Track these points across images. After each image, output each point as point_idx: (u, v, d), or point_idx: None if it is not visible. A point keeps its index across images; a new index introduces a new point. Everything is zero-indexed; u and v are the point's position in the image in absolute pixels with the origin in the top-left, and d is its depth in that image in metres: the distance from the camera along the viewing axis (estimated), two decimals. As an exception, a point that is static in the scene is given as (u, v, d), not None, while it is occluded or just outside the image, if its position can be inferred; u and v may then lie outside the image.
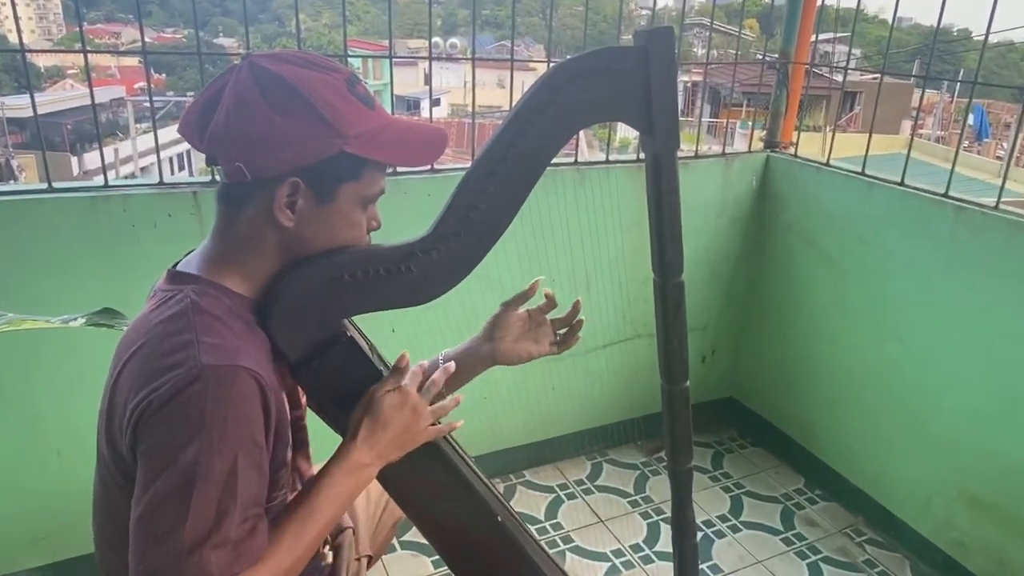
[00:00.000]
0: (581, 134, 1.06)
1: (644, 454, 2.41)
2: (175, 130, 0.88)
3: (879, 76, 2.12)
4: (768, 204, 2.32)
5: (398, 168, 1.79)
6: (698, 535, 1.55)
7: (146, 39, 1.62)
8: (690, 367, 1.03)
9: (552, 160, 0.90)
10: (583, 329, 1.14)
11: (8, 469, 1.61)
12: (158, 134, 1.75)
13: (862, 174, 2.02)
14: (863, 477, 2.13)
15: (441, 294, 0.91)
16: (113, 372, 0.82)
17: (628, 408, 2.37)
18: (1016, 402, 1.69)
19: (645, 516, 2.13)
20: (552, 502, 2.17)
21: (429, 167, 1.85)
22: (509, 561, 1.06)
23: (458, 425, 0.97)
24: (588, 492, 2.22)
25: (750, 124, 2.36)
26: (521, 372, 1.19)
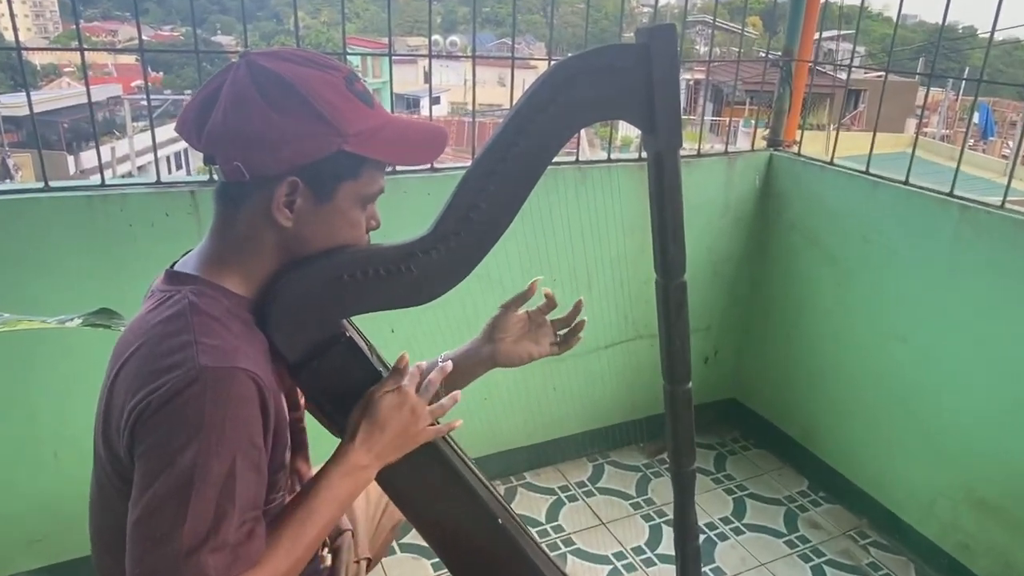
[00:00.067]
0: (582, 132, 1.06)
1: (646, 456, 2.41)
2: (172, 129, 0.88)
3: (883, 74, 2.12)
4: (771, 203, 2.32)
5: (397, 167, 1.79)
6: (700, 538, 1.56)
7: (143, 37, 1.62)
8: (692, 368, 1.03)
9: (553, 159, 0.90)
10: (585, 330, 1.14)
11: (4, 470, 1.61)
12: (155, 133, 1.76)
13: (866, 173, 2.02)
14: (867, 479, 2.13)
15: (441, 294, 0.91)
16: (110, 373, 0.82)
17: (630, 409, 2.37)
18: (1022, 403, 1.69)
19: (647, 518, 2.13)
20: (553, 504, 2.17)
21: (429, 166, 1.85)
22: (510, 564, 1.06)
23: (457, 425, 0.97)
24: (589, 494, 2.22)
25: (753, 122, 2.36)
26: (522, 373, 1.19)
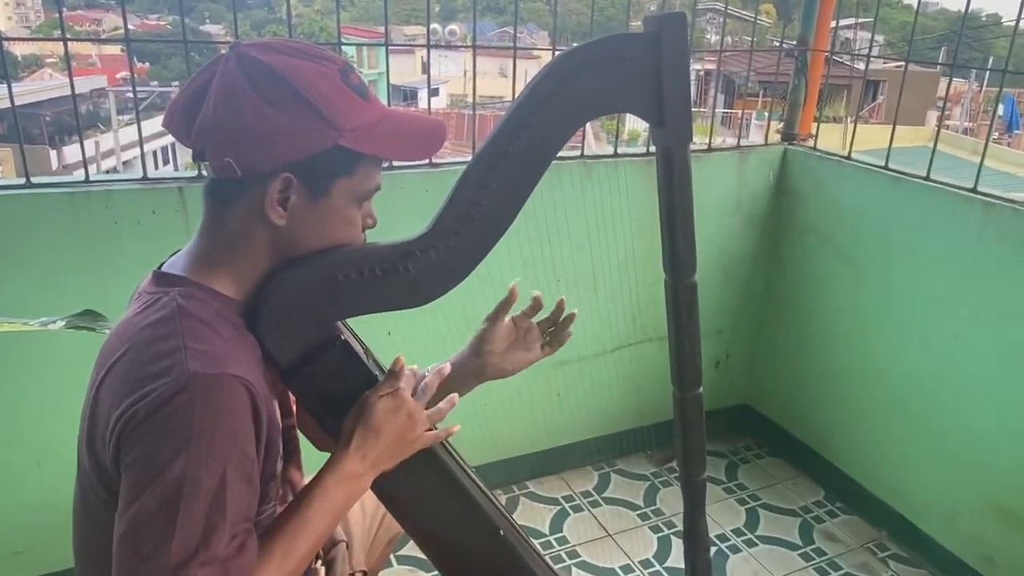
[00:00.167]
0: (588, 126, 1.06)
1: (654, 464, 2.41)
2: (159, 123, 0.88)
3: (903, 64, 2.11)
4: (785, 200, 2.31)
5: (394, 162, 1.79)
6: (712, 550, 1.55)
7: (129, 26, 1.62)
8: (703, 372, 1.03)
9: (557, 154, 0.90)
10: (591, 332, 1.14)
11: (-16, 480, 1.62)
12: (141, 126, 1.76)
13: (885, 168, 2.01)
14: (886, 489, 2.12)
15: (440, 295, 0.91)
16: (95, 380, 0.82)
17: (637, 416, 2.37)
18: (1049, 410, 1.69)
19: (655, 530, 2.13)
20: (557, 515, 2.17)
21: (427, 161, 1.85)
22: (512, 577, 1.06)
23: (455, 430, 0.97)
24: (595, 504, 2.22)
25: (766, 115, 2.36)
26: (524, 377, 1.19)
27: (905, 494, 2.07)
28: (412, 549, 1.93)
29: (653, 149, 0.95)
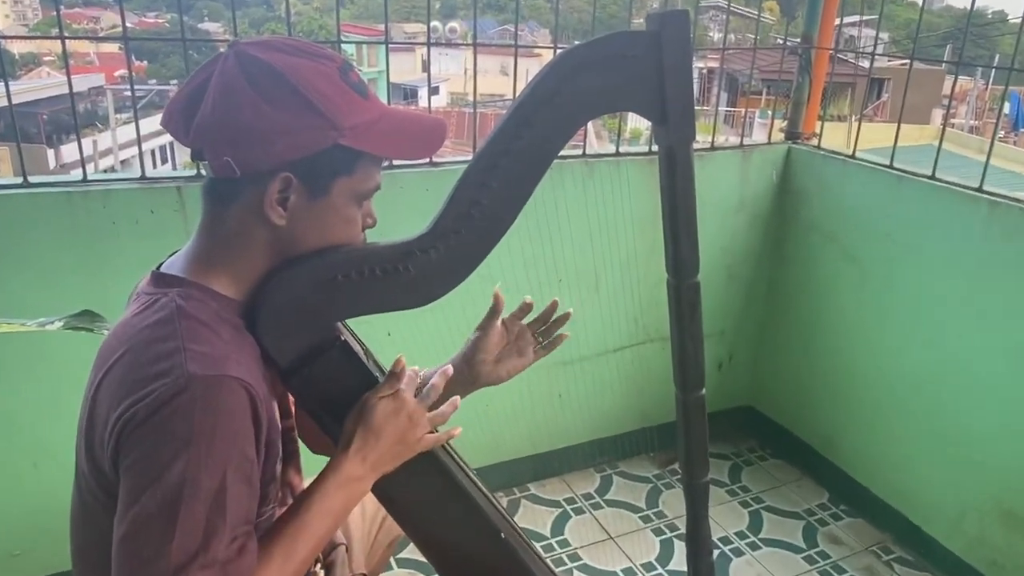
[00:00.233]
0: (589, 125, 1.06)
1: (657, 466, 2.41)
2: (158, 121, 0.88)
3: (908, 62, 2.11)
4: (789, 199, 2.31)
5: (394, 161, 1.79)
6: (714, 553, 1.56)
7: (127, 24, 1.62)
8: (706, 374, 1.03)
9: (559, 153, 0.91)
10: (592, 333, 1.14)
11: (-20, 481, 1.62)
12: (140, 125, 1.76)
13: (890, 167, 2.01)
14: (891, 491, 2.12)
15: (441, 295, 0.91)
16: (93, 381, 0.82)
17: (640, 417, 2.37)
18: (1055, 411, 1.69)
19: (658, 532, 2.13)
20: (559, 517, 2.17)
21: (427, 160, 1.85)
22: (513, 580, 1.06)
23: (457, 432, 0.97)
24: (597, 507, 2.22)
25: (770, 113, 2.37)
26: (526, 379, 1.18)
27: (910, 497, 2.07)
28: (412, 552, 1.93)
29: (655, 148, 0.95)
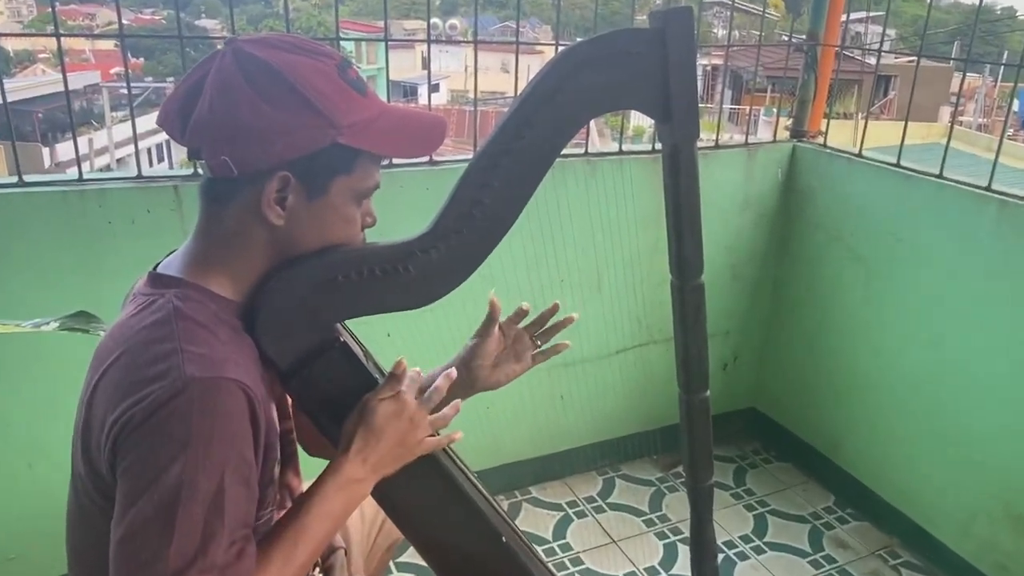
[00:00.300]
0: (592, 123, 1.06)
1: (660, 469, 2.41)
2: (154, 119, 0.88)
3: (915, 59, 2.11)
4: (795, 199, 2.31)
5: (394, 160, 1.79)
6: (719, 557, 1.55)
7: (123, 21, 1.62)
8: (710, 375, 1.03)
9: (561, 151, 0.91)
10: (595, 334, 1.14)
11: (-25, 484, 1.62)
12: (136, 123, 1.76)
13: (897, 166, 2.01)
14: (898, 494, 2.12)
15: (441, 296, 0.91)
16: (90, 383, 0.82)
17: (643, 419, 2.36)
18: (1065, 413, 1.68)
19: (661, 536, 2.13)
20: (560, 521, 2.17)
21: (427, 159, 1.85)
22: (514, 585, 1.06)
23: (458, 437, 0.97)
24: (599, 510, 2.22)
25: (775, 111, 2.36)
26: (527, 381, 1.18)
27: (917, 500, 2.07)
28: (412, 556, 1.93)
29: (659, 146, 0.95)
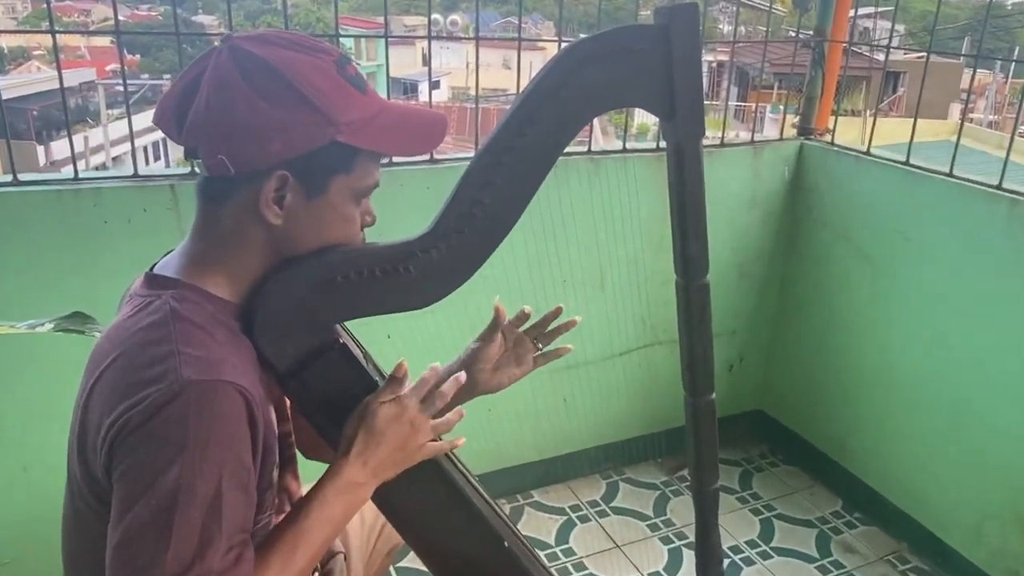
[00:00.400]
0: (595, 120, 1.06)
1: (665, 473, 2.41)
2: (150, 117, 0.88)
3: (925, 55, 2.11)
4: (802, 197, 2.31)
5: (394, 158, 1.79)
6: (725, 562, 1.55)
7: (119, 17, 1.63)
8: (716, 377, 1.03)
9: (564, 149, 0.91)
10: (599, 335, 1.14)
11: (-31, 488, 1.62)
12: (132, 121, 1.76)
13: (906, 164, 2.01)
14: (907, 498, 2.12)
15: (442, 297, 0.91)
16: (86, 386, 0.82)
17: (647, 422, 2.36)
18: (1078, 416, 1.68)
19: (666, 541, 2.13)
20: (563, 525, 2.17)
21: (428, 157, 1.85)
22: (516, 590, 1.06)
23: (460, 442, 0.97)
24: (603, 514, 2.22)
25: (782, 108, 2.36)
26: (529, 384, 1.19)
27: (927, 504, 2.07)
28: (413, 561, 1.93)
29: (663, 144, 0.95)
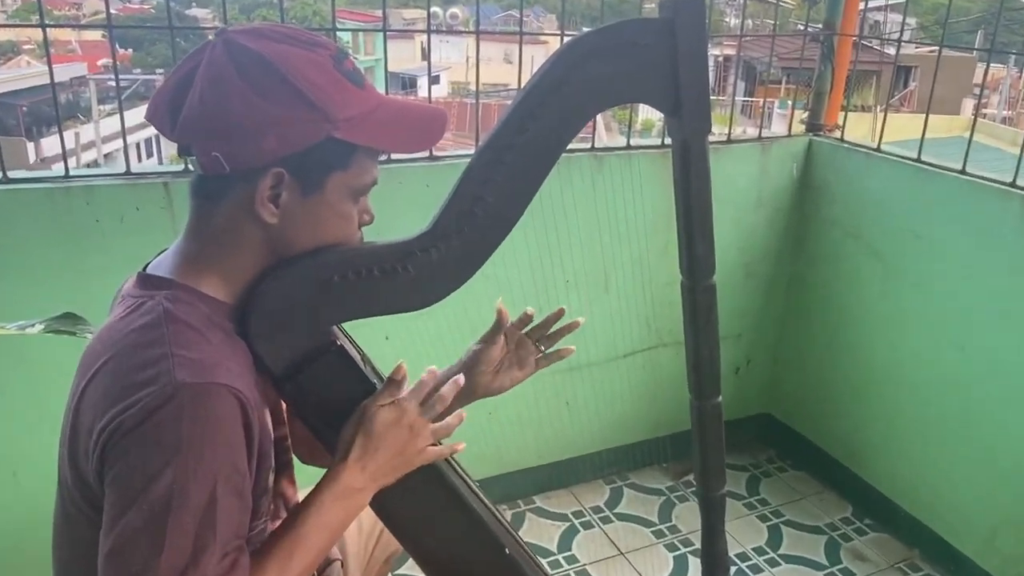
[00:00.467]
0: (599, 116, 1.06)
1: (670, 478, 2.41)
2: (143, 112, 0.88)
3: (937, 49, 2.11)
4: (810, 195, 2.31)
5: (392, 155, 1.79)
6: (731, 570, 1.55)
7: (111, 10, 1.63)
8: (722, 380, 1.03)
9: (567, 146, 0.91)
10: (602, 336, 1.14)
11: (-43, 493, 1.63)
12: (124, 117, 1.76)
13: (917, 160, 2.01)
14: (919, 504, 2.12)
15: (442, 297, 0.91)
16: (77, 388, 0.82)
17: (652, 426, 2.36)
18: (1094, 420, 1.68)
19: (671, 548, 2.13)
20: (566, 532, 2.17)
21: (427, 153, 1.85)
22: (518, 598, 1.06)
23: (460, 447, 0.97)
24: (607, 520, 2.22)
25: (790, 104, 2.36)
26: (531, 387, 1.18)
27: (939, 510, 2.06)
28: (411, 568, 1.93)
29: (669, 141, 0.95)
